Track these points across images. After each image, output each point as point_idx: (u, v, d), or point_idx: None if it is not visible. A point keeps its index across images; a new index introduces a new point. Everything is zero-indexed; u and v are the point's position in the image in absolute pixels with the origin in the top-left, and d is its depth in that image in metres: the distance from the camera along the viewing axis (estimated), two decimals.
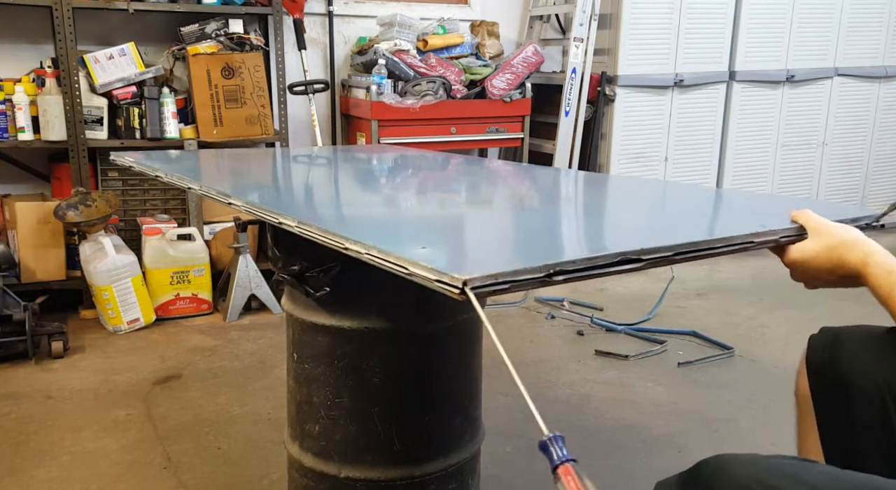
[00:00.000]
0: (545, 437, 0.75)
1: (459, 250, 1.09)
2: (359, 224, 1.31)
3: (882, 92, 4.72)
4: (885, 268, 1.01)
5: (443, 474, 1.50)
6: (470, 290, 0.82)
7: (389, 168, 2.09)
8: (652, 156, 4.17)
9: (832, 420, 1.15)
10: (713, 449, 2.15)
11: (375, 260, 0.95)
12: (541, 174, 2.05)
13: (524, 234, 1.26)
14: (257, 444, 2.19)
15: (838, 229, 1.09)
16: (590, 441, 2.22)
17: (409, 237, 1.14)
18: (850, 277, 1.07)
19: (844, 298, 1.05)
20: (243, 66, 3.45)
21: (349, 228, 1.15)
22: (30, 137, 3.18)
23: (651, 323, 3.23)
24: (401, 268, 0.90)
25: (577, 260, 0.91)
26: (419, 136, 3.69)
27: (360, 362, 1.42)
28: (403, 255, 0.91)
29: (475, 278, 0.82)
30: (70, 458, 2.10)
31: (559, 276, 0.90)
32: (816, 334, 1.22)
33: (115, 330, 3.08)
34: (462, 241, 1.18)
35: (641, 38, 3.97)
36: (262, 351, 2.91)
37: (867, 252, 1.04)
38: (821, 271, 1.09)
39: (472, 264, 0.87)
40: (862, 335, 1.15)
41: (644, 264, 0.97)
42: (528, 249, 1.13)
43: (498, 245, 1.19)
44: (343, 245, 1.02)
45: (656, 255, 0.98)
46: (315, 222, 1.12)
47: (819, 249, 1.09)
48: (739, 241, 1.07)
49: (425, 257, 0.89)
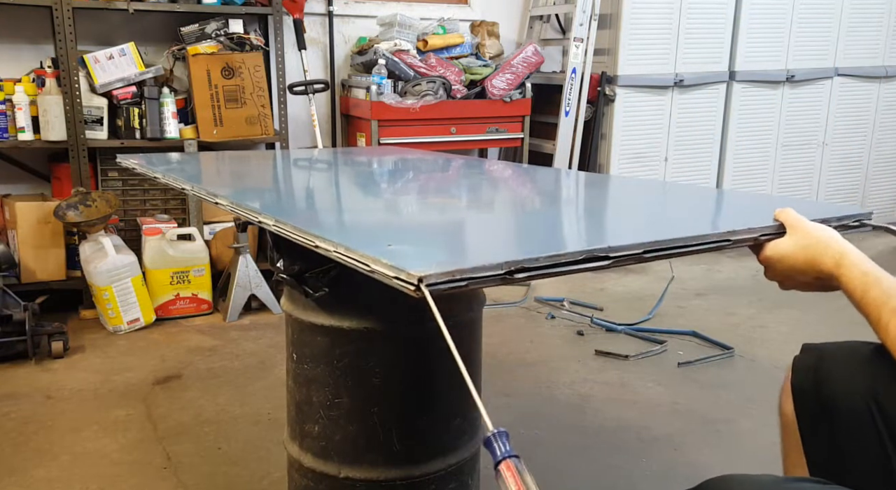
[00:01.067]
0: (489, 433, 0.76)
1: (424, 248, 1.09)
2: (333, 223, 1.32)
3: (882, 92, 4.72)
4: (859, 268, 0.99)
5: (442, 474, 1.50)
6: (425, 286, 0.82)
7: (382, 171, 2.10)
8: (652, 156, 4.17)
9: (819, 447, 1.12)
10: (712, 449, 2.16)
11: (342, 257, 0.96)
12: (533, 175, 2.05)
13: (495, 232, 1.27)
14: (257, 445, 2.19)
15: (814, 228, 1.07)
16: (590, 441, 2.22)
17: (380, 236, 1.14)
18: (824, 278, 1.04)
19: (844, 298, 1.04)
20: (243, 66, 3.45)
21: (322, 227, 1.16)
22: (30, 137, 3.18)
23: (651, 323, 3.23)
24: (363, 265, 0.91)
25: (540, 258, 0.90)
26: (419, 136, 3.69)
27: (359, 362, 1.42)
28: (368, 252, 0.92)
29: (431, 275, 0.82)
30: (70, 458, 2.10)
31: (521, 274, 0.89)
32: (800, 355, 1.18)
33: (115, 330, 3.09)
34: (430, 240, 1.18)
35: (641, 38, 3.97)
36: (262, 351, 2.91)
37: (841, 252, 1.02)
38: (794, 270, 1.08)
39: (431, 261, 0.87)
40: (847, 353, 1.11)
41: (611, 262, 0.96)
42: (495, 247, 1.13)
43: (464, 243, 1.18)
44: (313, 243, 1.04)
45: (624, 252, 0.97)
46: (290, 221, 1.13)
47: (793, 247, 1.07)
48: (714, 238, 1.06)
49: (389, 254, 0.90)
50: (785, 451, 1.24)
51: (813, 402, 1.12)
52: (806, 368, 1.14)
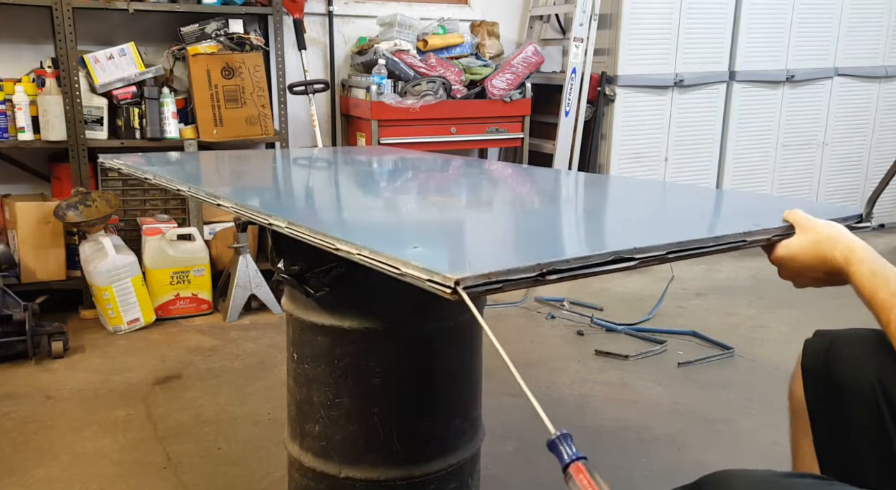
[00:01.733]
0: (553, 436, 0.75)
1: (452, 250, 1.08)
2: (351, 225, 1.31)
3: (882, 92, 4.72)
4: (868, 267, 1.01)
5: (442, 474, 1.50)
6: (462, 289, 0.81)
7: (385, 170, 2.09)
8: (652, 156, 4.17)
9: (827, 425, 1.15)
10: (712, 449, 2.16)
11: (367, 260, 0.94)
12: (536, 175, 2.05)
13: (517, 234, 1.26)
14: (257, 444, 2.19)
15: (822, 225, 1.10)
16: (590, 441, 2.22)
17: (402, 237, 1.13)
18: (834, 274, 1.07)
19: (843, 296, 1.05)
20: (243, 66, 3.45)
21: (341, 229, 1.14)
22: (30, 137, 3.17)
23: (651, 323, 3.23)
24: (392, 268, 0.89)
25: (570, 259, 0.91)
26: (419, 136, 3.69)
27: (359, 362, 1.42)
28: (395, 255, 0.90)
29: (467, 277, 0.82)
30: (70, 458, 2.10)
31: (552, 276, 0.89)
32: (812, 339, 1.22)
33: (115, 330, 3.08)
34: (455, 242, 1.18)
35: (641, 38, 3.97)
36: (262, 351, 2.91)
37: (850, 248, 1.04)
38: (806, 268, 1.10)
39: (465, 264, 0.87)
40: (857, 338, 1.15)
41: (637, 263, 0.96)
42: (521, 249, 1.12)
43: (491, 245, 1.18)
44: (334, 246, 1.00)
45: (649, 253, 0.98)
46: (305, 223, 1.11)
47: (803, 245, 1.09)
48: (732, 239, 1.07)
49: (417, 257, 0.89)
50: (794, 440, 1.27)
51: (824, 383, 1.15)
52: (817, 351, 1.18)
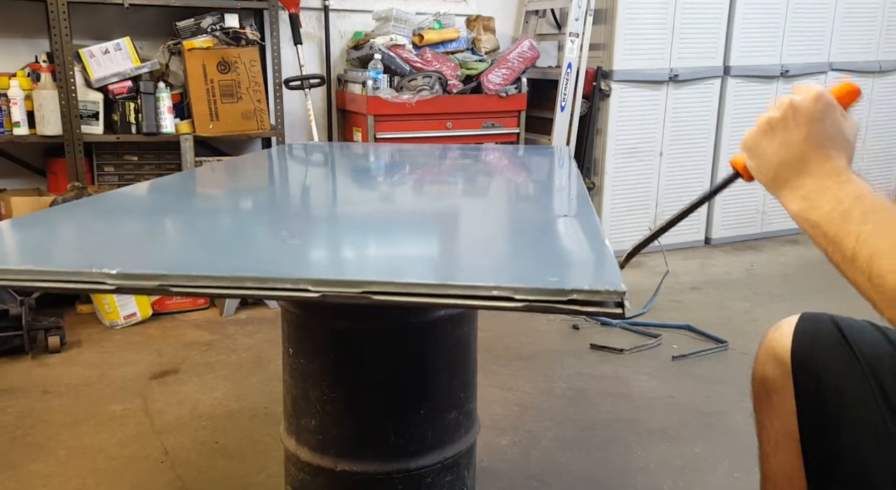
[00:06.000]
0: None
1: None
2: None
3: (876, 86, 4.73)
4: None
5: (438, 467, 1.51)
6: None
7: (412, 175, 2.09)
8: (647, 151, 4.18)
9: (811, 397, 1.13)
10: (707, 442, 2.17)
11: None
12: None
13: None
14: (254, 439, 2.20)
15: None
16: (585, 434, 2.23)
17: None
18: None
19: (840, 288, 1.05)
20: (239, 61, 3.45)
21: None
22: (25, 132, 3.17)
23: (646, 317, 3.25)
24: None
25: None
26: (415, 131, 3.69)
27: (354, 357, 1.43)
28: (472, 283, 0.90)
29: None
30: (67, 453, 2.11)
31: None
32: (799, 323, 1.20)
33: (112, 325, 3.09)
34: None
35: (636, 33, 3.98)
36: (259, 346, 2.92)
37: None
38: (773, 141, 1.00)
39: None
40: (848, 318, 1.14)
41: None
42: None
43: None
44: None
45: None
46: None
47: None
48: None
49: None
50: (760, 421, 1.25)
51: (810, 371, 1.14)
52: (810, 319, 1.20)
